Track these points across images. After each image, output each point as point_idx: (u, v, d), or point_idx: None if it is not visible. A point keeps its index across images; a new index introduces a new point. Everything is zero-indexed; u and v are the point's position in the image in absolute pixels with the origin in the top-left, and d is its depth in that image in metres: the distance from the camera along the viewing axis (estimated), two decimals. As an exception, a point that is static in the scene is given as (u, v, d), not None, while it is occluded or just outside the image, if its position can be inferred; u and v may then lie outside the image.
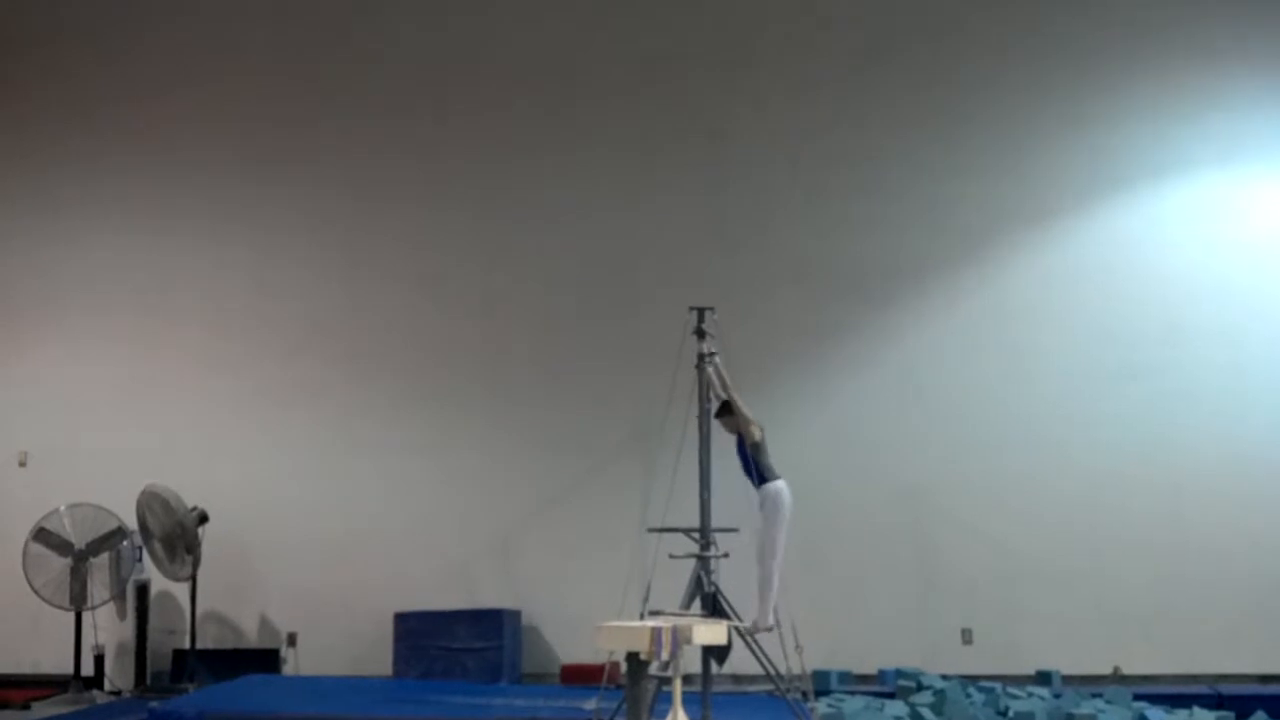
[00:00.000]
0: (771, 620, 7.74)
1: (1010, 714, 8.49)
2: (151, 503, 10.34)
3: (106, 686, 10.62)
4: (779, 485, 8.08)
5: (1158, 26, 11.01)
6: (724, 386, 7.98)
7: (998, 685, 9.14)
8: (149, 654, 10.73)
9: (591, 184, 11.19)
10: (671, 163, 11.15)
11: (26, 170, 11.54)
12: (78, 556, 10.38)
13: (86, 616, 10.43)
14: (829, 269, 10.96)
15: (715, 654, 7.45)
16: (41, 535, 10.35)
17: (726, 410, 8.09)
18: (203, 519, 10.49)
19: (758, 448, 8.08)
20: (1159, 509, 10.50)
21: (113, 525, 10.47)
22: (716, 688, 7.67)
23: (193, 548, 10.41)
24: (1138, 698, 8.86)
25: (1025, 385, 10.76)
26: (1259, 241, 10.82)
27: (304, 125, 11.41)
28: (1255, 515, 10.44)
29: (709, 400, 7.89)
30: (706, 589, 7.55)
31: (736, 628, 7.26)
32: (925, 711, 8.46)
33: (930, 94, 11.08)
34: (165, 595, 10.96)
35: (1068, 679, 9.86)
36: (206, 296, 11.34)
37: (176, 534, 10.38)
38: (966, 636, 10.52)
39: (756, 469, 8.06)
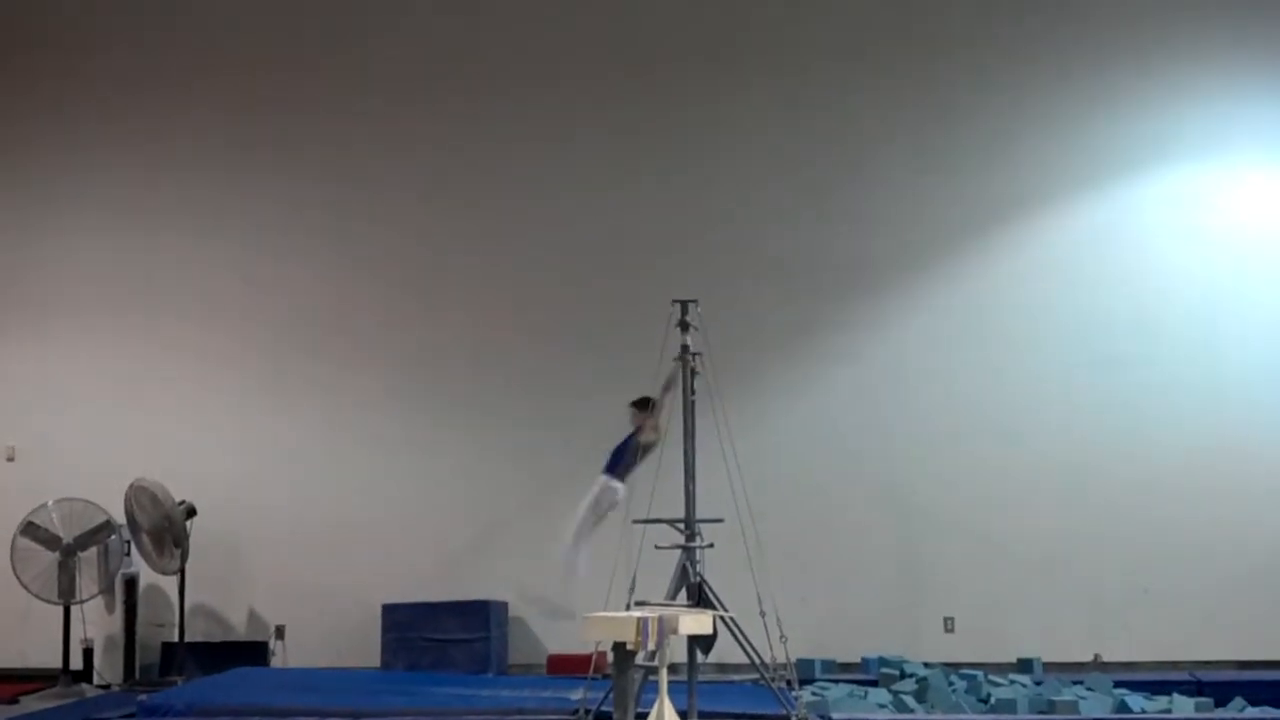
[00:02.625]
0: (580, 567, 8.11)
1: (992, 701, 8.59)
2: (139, 497, 10.37)
3: (95, 680, 10.62)
4: (620, 485, 8.43)
5: (1138, 21, 11.10)
6: (666, 386, 8.13)
7: (980, 673, 9.25)
8: (138, 647, 10.71)
9: (577, 178, 11.24)
10: (656, 156, 11.20)
11: (13, 166, 11.52)
12: (66, 551, 10.40)
13: (75, 610, 10.45)
14: (810, 262, 11.02)
15: (701, 643, 7.52)
16: (29, 530, 10.37)
17: (644, 405, 8.32)
18: (191, 513, 10.52)
19: (645, 451, 8.32)
20: (1137, 499, 10.61)
21: (101, 519, 10.50)
22: (702, 676, 7.73)
23: (181, 541, 10.44)
24: (1118, 685, 8.98)
25: (1004, 377, 10.86)
26: (1236, 234, 10.93)
27: (293, 120, 11.42)
28: (1231, 505, 10.56)
29: (692, 393, 7.95)
30: (692, 579, 7.62)
31: (722, 617, 7.34)
32: (908, 699, 8.56)
33: (911, 88, 11.15)
34: (154, 589, 10.98)
35: (1049, 666, 9.95)
36: (193, 291, 11.34)
37: (164, 528, 10.40)
38: (949, 625, 10.62)
39: (620, 465, 8.37)
